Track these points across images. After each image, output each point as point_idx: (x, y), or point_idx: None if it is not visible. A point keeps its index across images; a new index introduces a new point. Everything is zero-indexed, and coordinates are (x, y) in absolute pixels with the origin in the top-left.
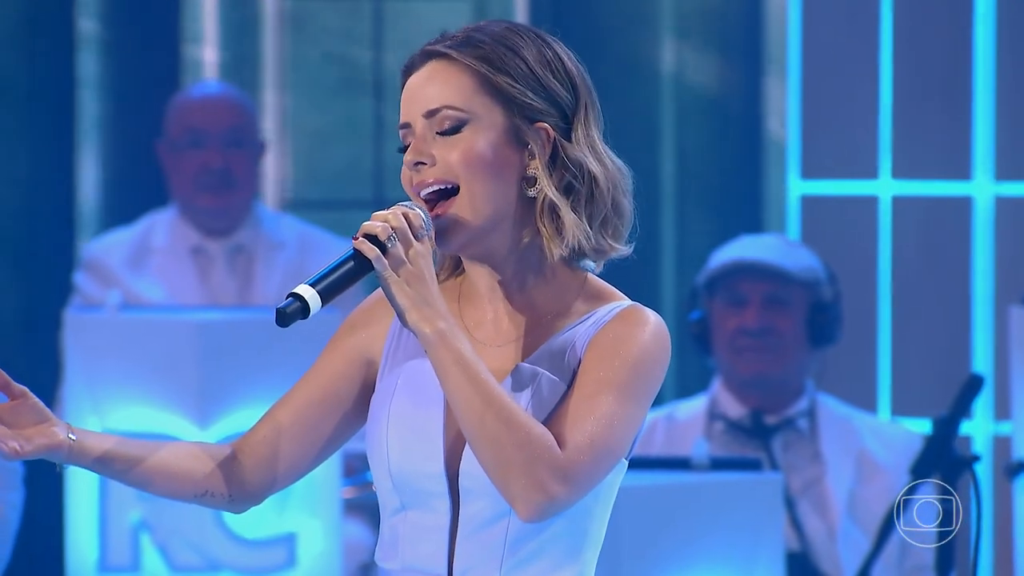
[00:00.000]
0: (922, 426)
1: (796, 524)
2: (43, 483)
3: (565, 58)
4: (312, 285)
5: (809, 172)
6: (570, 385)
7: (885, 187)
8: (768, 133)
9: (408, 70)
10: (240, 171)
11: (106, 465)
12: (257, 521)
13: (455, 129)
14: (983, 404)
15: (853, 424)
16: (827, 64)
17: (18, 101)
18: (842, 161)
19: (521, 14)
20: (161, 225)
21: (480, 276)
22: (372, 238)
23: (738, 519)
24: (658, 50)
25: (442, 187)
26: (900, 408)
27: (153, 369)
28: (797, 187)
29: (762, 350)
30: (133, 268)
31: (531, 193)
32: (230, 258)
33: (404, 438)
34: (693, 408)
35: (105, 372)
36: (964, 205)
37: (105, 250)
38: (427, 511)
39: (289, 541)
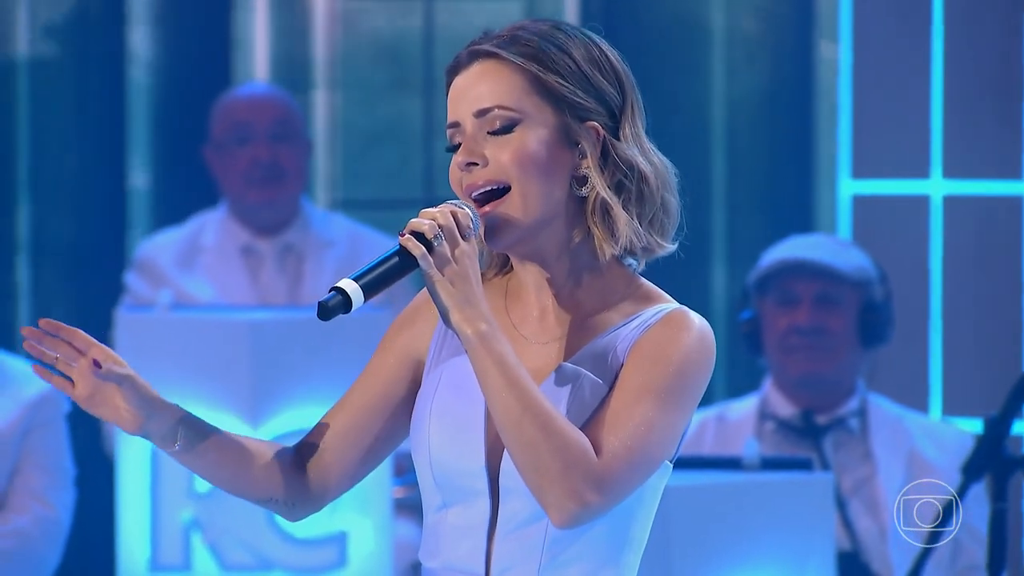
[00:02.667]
0: (973, 426)
1: (847, 524)
2: (95, 483)
3: (611, 56)
4: (355, 280)
5: (860, 172)
6: (611, 387)
7: (936, 187)
8: (819, 132)
9: (454, 69)
10: (288, 165)
11: (200, 454)
12: (308, 520)
13: (507, 129)
14: None
15: (904, 424)
16: (878, 63)
17: (68, 104)
18: (893, 161)
19: (571, 14)
20: (211, 225)
21: (528, 274)
22: (419, 235)
23: (789, 519)
24: (709, 50)
25: (493, 187)
26: (951, 408)
27: (204, 368)
28: (848, 187)
29: (813, 349)
30: (183, 268)
31: (581, 192)
32: (280, 257)
33: (446, 434)
34: (744, 408)
35: (156, 371)
36: (1015, 204)
37: (155, 250)
38: (467, 509)
39: (340, 540)
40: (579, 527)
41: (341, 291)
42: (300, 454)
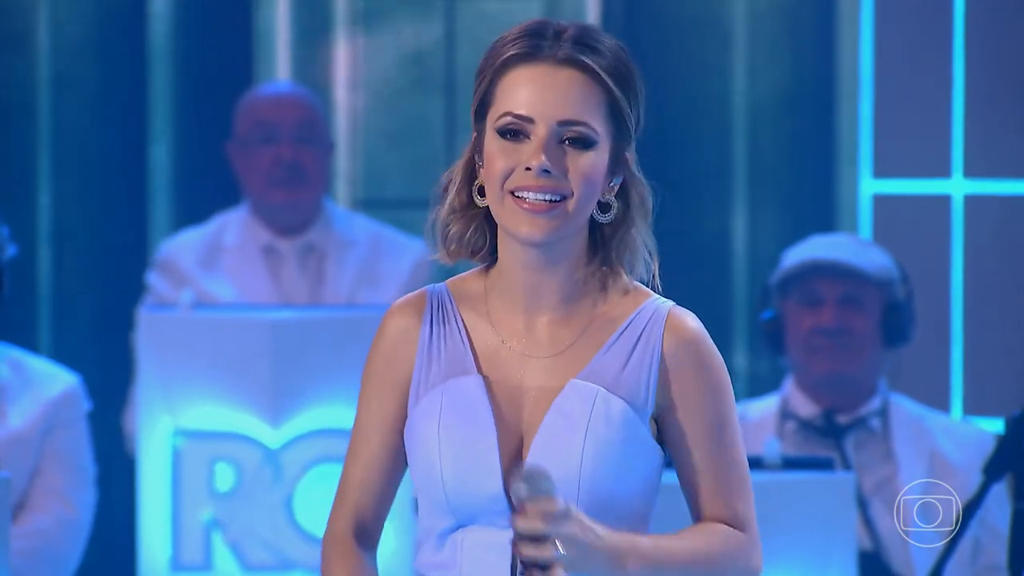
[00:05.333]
0: (995, 425)
1: (868, 524)
2: (116, 483)
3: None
4: None
5: (881, 171)
6: (625, 399)
7: (957, 186)
8: (840, 132)
9: (530, 57)
10: (311, 166)
11: None
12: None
13: (585, 147)
14: None
15: (925, 424)
16: (900, 63)
17: (91, 103)
18: (914, 160)
19: (593, 13)
20: (233, 224)
21: (525, 278)
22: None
23: (810, 519)
24: (730, 49)
25: (554, 198)
26: (972, 407)
27: (226, 368)
28: (869, 186)
29: (837, 350)
30: (205, 267)
31: (603, 218)
32: (301, 257)
33: (459, 460)
34: (765, 408)
35: (178, 371)
36: None
37: (177, 249)
38: (488, 527)
39: None
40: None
41: None
42: (369, 535)
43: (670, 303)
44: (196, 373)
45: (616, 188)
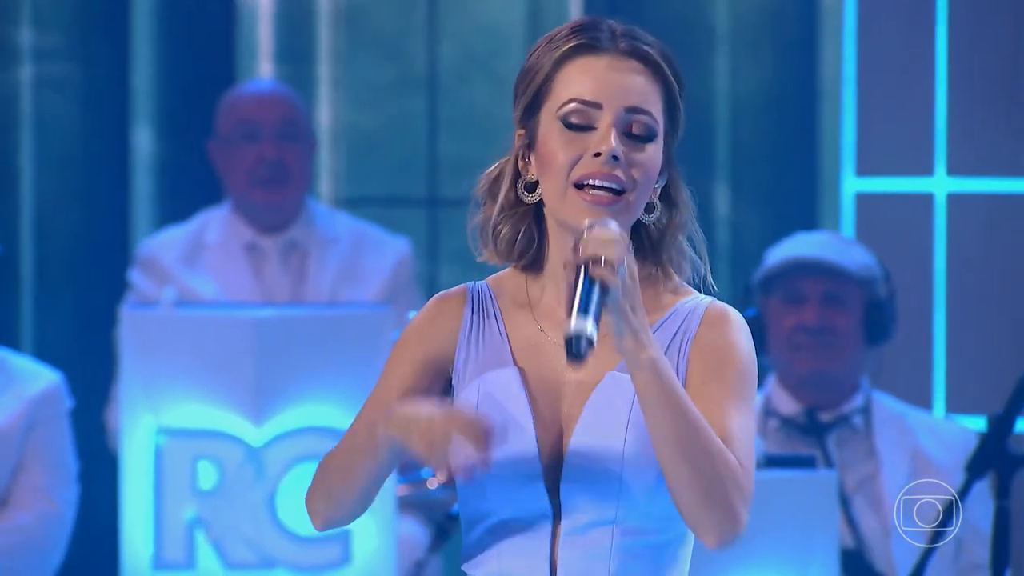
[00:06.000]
0: (977, 423)
1: (851, 521)
2: (99, 480)
3: None
4: (584, 318)
5: (864, 169)
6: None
7: (940, 184)
8: (823, 130)
9: (594, 48)
10: (293, 164)
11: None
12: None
13: (648, 138)
14: None
15: (908, 422)
16: (882, 61)
17: (73, 101)
18: (897, 158)
19: (575, 11)
20: (215, 222)
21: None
22: (607, 263)
23: (793, 516)
24: (713, 48)
25: (619, 189)
26: (955, 405)
27: (208, 365)
28: (852, 184)
29: (820, 348)
30: (187, 265)
31: (647, 219)
32: (284, 254)
33: (498, 451)
34: None
35: (160, 368)
36: (1019, 202)
37: (159, 247)
38: (526, 521)
39: (343, 538)
40: (646, 529)
41: (584, 336)
42: None
43: (712, 299)
44: (179, 371)
45: (659, 189)
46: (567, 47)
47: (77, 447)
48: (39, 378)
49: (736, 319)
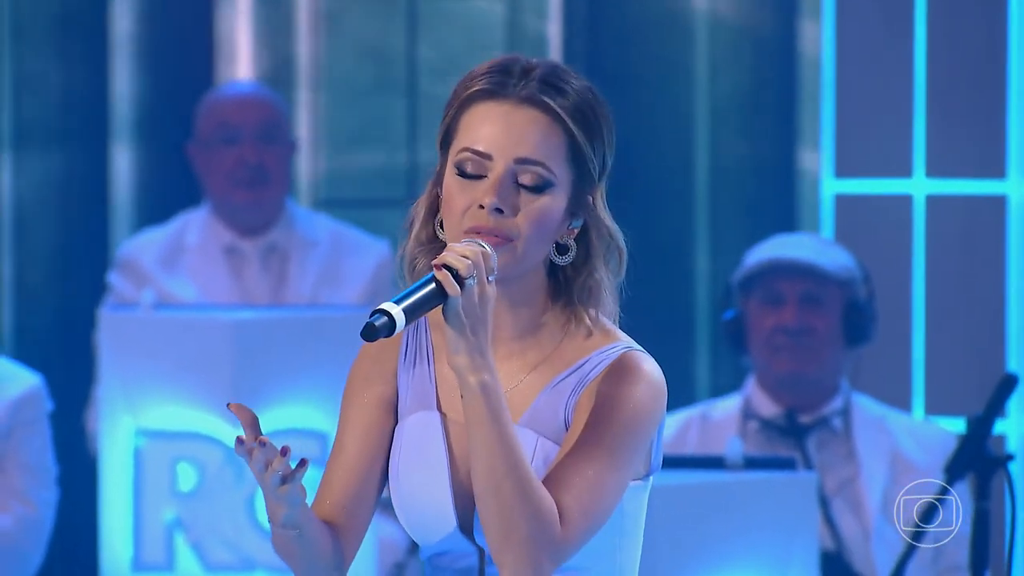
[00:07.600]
0: (956, 425)
1: (830, 523)
2: (78, 483)
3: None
4: (397, 304)
5: (843, 171)
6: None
7: (919, 186)
8: (802, 131)
9: (493, 95)
10: (273, 167)
11: (305, 534)
12: None
13: (539, 189)
14: (1017, 403)
15: (887, 423)
16: (861, 62)
17: (52, 101)
18: (876, 160)
19: (555, 14)
20: (194, 224)
21: None
22: (454, 272)
23: (772, 518)
24: (691, 48)
25: (504, 239)
26: (934, 407)
27: (187, 368)
28: (831, 186)
29: (799, 349)
30: (166, 267)
31: (561, 260)
32: (263, 257)
33: (415, 498)
34: (727, 407)
35: (139, 371)
36: (998, 204)
37: (138, 249)
38: (454, 557)
39: None
40: (571, 563)
41: (386, 313)
42: (335, 527)
43: (633, 350)
44: (158, 373)
45: (576, 231)
46: (473, 90)
47: (57, 449)
48: (18, 380)
49: (646, 374)
